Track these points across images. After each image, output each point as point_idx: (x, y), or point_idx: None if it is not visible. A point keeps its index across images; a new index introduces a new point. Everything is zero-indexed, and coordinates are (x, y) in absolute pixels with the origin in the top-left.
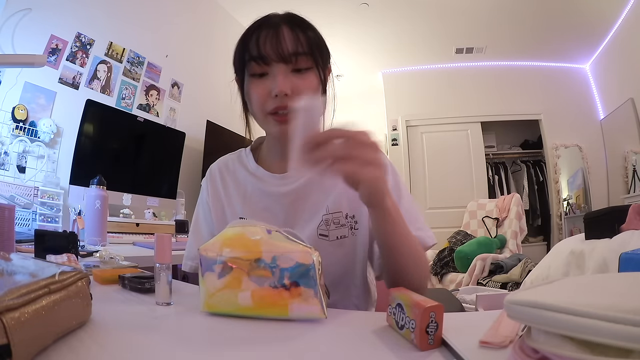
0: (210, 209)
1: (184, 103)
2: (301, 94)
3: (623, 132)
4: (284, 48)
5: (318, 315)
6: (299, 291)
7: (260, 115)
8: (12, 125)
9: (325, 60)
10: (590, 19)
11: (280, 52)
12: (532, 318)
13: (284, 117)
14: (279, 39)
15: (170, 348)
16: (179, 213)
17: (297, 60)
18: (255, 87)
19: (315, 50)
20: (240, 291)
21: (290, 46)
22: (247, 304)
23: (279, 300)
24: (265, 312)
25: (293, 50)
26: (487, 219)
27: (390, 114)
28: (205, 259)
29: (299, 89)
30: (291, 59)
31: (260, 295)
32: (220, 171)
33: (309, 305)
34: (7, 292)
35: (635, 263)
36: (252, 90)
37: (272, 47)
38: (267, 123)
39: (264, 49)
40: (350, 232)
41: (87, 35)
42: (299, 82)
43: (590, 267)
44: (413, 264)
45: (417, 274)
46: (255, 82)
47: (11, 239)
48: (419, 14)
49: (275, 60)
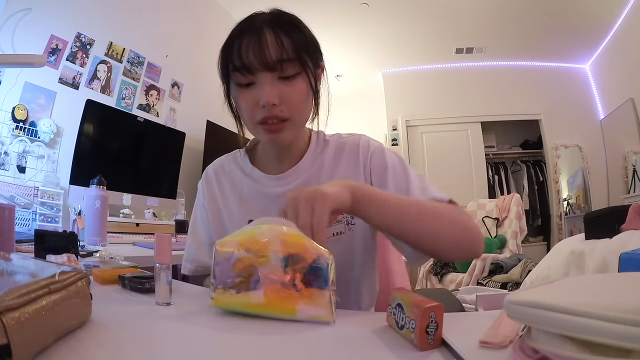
0: (207, 210)
1: (184, 103)
2: (290, 103)
3: (623, 132)
4: (268, 56)
5: (326, 318)
6: (310, 292)
7: (250, 124)
8: (12, 125)
9: (315, 61)
10: (590, 19)
11: (264, 60)
12: (532, 318)
13: (274, 125)
14: (262, 46)
15: (170, 348)
16: (179, 213)
17: (283, 68)
18: (243, 97)
19: (302, 54)
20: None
21: (274, 53)
22: (259, 300)
23: (289, 301)
24: (273, 312)
25: (277, 58)
26: (487, 219)
27: (390, 114)
28: (221, 255)
29: (288, 97)
30: (276, 66)
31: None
32: (216, 173)
33: (318, 308)
34: (7, 292)
35: (635, 263)
36: (239, 100)
37: (255, 55)
38: (257, 132)
39: (247, 58)
40: (347, 228)
41: (87, 35)
42: (286, 89)
43: (590, 267)
44: (439, 224)
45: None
46: (243, 91)
47: (11, 239)
48: (419, 14)
49: (260, 69)
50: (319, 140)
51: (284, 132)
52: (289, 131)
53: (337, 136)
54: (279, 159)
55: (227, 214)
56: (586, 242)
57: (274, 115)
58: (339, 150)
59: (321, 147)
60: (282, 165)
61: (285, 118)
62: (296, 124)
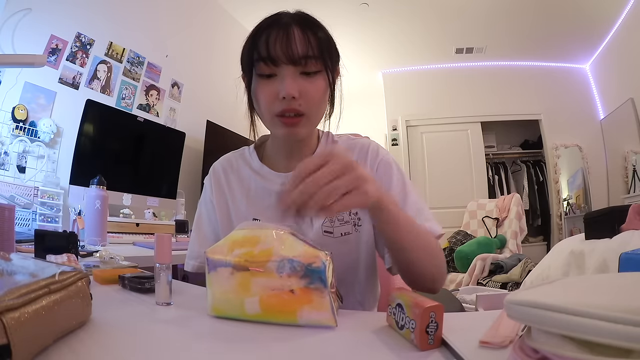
0: (214, 207)
1: (184, 103)
2: (309, 98)
3: (623, 132)
4: (295, 50)
5: (328, 322)
6: (309, 297)
7: (268, 116)
8: (12, 125)
9: (334, 62)
10: (590, 19)
11: (290, 54)
12: (532, 318)
13: (291, 119)
14: (289, 40)
15: (170, 348)
16: (179, 213)
17: (307, 63)
18: (263, 88)
19: (325, 53)
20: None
21: (300, 48)
22: (255, 311)
23: (288, 306)
24: (273, 318)
25: (303, 53)
26: (487, 219)
27: (390, 114)
28: (213, 262)
29: (307, 92)
30: (301, 61)
31: (269, 301)
32: (224, 169)
33: (319, 312)
34: (7, 292)
35: (635, 263)
36: (259, 91)
37: (282, 48)
38: (274, 125)
39: (274, 50)
40: (354, 229)
41: (87, 35)
42: (307, 85)
43: (590, 267)
44: (425, 255)
45: (432, 265)
46: (263, 82)
47: (11, 239)
48: (419, 14)
49: (285, 62)
50: (327, 140)
51: (300, 127)
52: (304, 127)
53: (345, 137)
54: (288, 156)
55: (235, 210)
56: (586, 242)
57: (292, 109)
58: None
59: (330, 147)
60: (291, 162)
61: (302, 112)
62: (311, 120)
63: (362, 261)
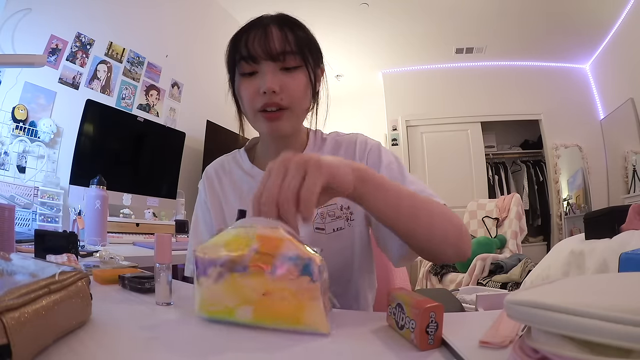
0: (209, 209)
1: (184, 103)
2: (290, 92)
3: (623, 132)
4: (272, 46)
5: (321, 329)
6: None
7: (251, 113)
8: (12, 125)
9: (316, 59)
10: (590, 19)
11: (268, 50)
12: (532, 318)
13: (273, 114)
14: (267, 38)
15: (170, 348)
16: (179, 213)
17: (286, 59)
18: (245, 85)
19: (304, 49)
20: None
21: (278, 44)
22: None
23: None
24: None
25: (281, 49)
26: (487, 219)
27: (390, 114)
28: (202, 261)
29: (288, 87)
30: (279, 57)
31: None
32: (217, 172)
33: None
34: (7, 292)
35: (635, 263)
36: (242, 89)
37: (260, 45)
38: (257, 121)
39: (253, 48)
40: (347, 224)
41: (87, 35)
42: (287, 79)
43: (590, 267)
44: (438, 218)
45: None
46: (245, 80)
47: (11, 239)
48: (419, 14)
49: (264, 58)
50: (316, 138)
51: (283, 121)
52: (287, 121)
53: (334, 134)
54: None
55: (229, 212)
56: (586, 242)
57: (274, 103)
58: (336, 147)
59: (319, 145)
60: None
61: (284, 106)
62: (295, 113)
63: (357, 256)
